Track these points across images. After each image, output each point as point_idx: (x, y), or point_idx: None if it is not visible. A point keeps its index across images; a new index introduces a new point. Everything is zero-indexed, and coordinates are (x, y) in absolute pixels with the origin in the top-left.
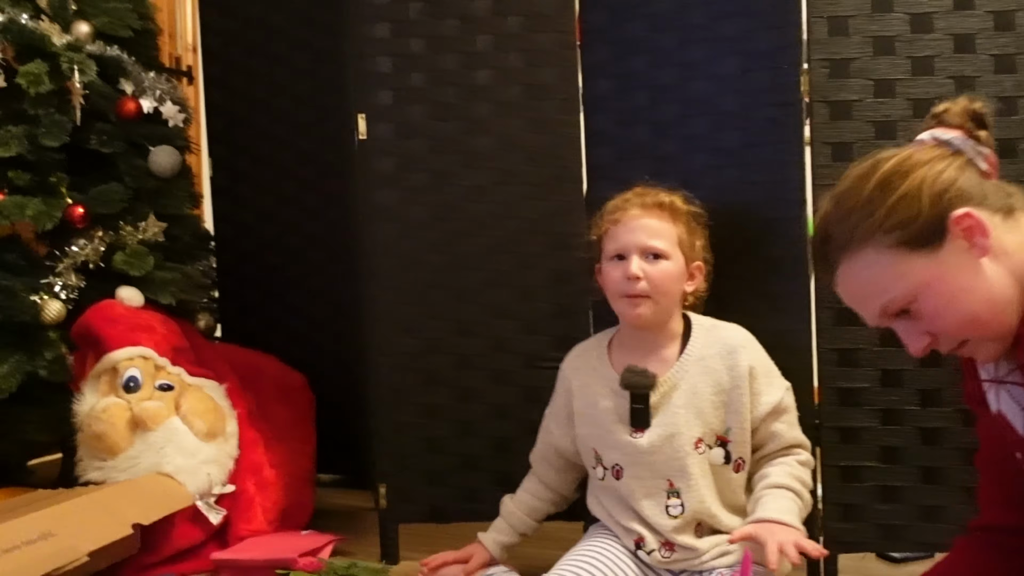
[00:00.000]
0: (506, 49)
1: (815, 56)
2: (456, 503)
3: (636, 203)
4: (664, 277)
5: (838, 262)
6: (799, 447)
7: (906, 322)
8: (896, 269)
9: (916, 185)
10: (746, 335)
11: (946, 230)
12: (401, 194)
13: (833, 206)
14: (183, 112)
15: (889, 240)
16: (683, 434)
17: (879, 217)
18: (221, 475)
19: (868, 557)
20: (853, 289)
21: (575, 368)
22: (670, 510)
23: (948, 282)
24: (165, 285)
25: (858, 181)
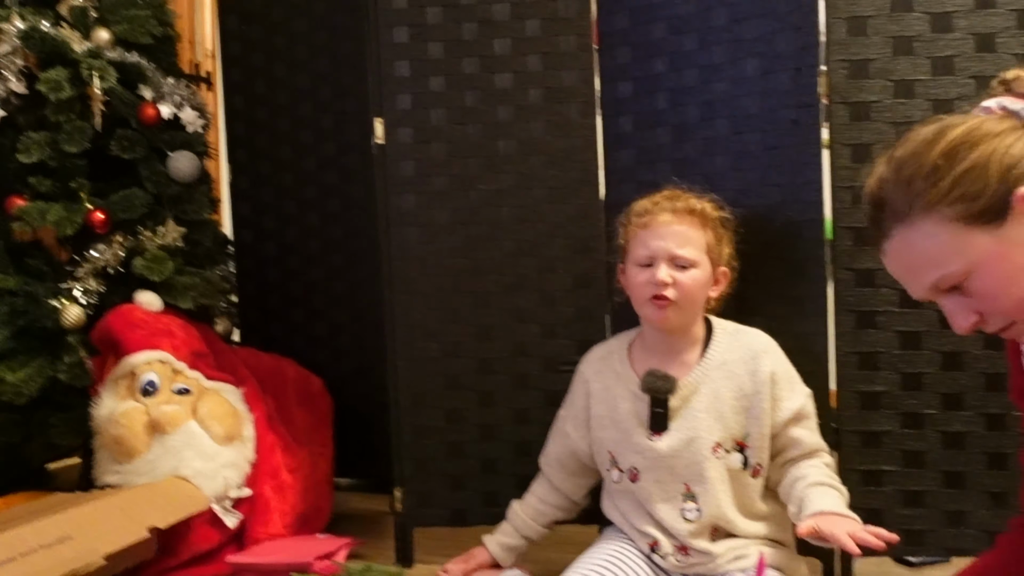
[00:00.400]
0: (525, 52)
1: (834, 57)
2: (476, 507)
3: (667, 208)
4: (693, 285)
5: (891, 231)
6: (821, 451)
7: (956, 298)
8: (956, 244)
9: (985, 157)
10: (768, 341)
11: (1010, 207)
12: (422, 198)
13: (892, 171)
14: (202, 118)
15: (952, 212)
16: (702, 438)
17: (943, 188)
18: (238, 479)
19: (886, 561)
20: (907, 260)
21: (596, 371)
22: (686, 514)
23: (1007, 261)
24: (184, 290)
25: (923, 147)
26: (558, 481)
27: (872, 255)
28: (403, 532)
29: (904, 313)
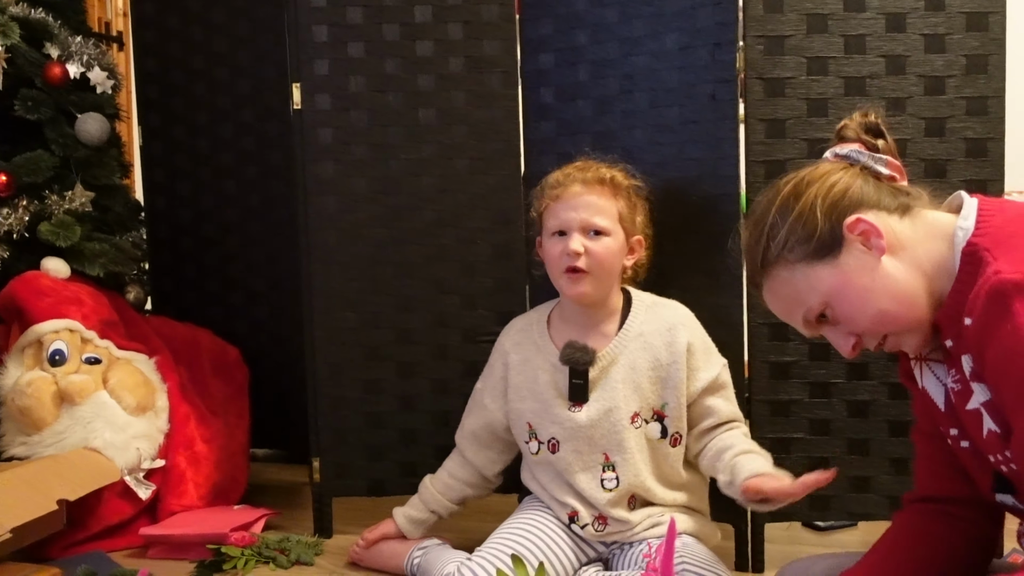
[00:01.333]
0: (447, 20)
1: (751, 33)
2: (395, 477)
3: (577, 179)
4: (605, 253)
5: (761, 284)
6: (738, 421)
7: (830, 327)
8: (806, 281)
9: (810, 202)
10: (685, 313)
11: (843, 237)
12: (341, 167)
13: (746, 235)
14: (112, 79)
15: (794, 256)
16: (620, 408)
17: (782, 239)
18: (151, 450)
19: (794, 526)
20: (777, 304)
21: (515, 342)
22: (605, 483)
23: (853, 285)
24: (93, 256)
25: (763, 208)
26: (471, 454)
27: None
28: (321, 503)
29: None
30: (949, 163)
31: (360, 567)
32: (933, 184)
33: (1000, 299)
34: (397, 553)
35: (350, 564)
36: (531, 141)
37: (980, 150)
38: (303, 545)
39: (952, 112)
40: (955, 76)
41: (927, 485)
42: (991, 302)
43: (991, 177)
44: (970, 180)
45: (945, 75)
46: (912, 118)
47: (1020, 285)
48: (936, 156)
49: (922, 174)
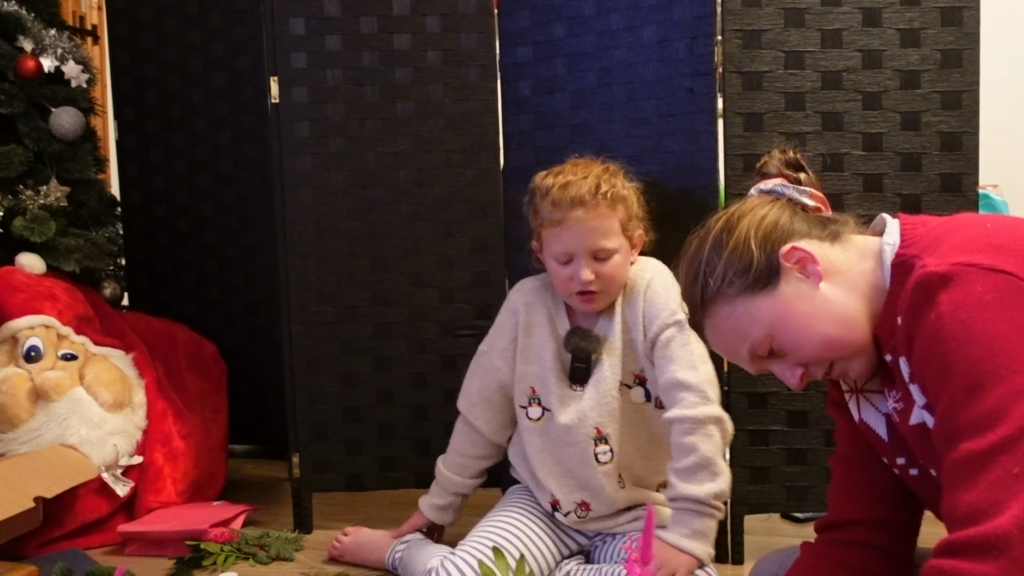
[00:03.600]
0: (424, 13)
1: (729, 27)
2: (374, 472)
3: (578, 202)
4: (615, 271)
5: (703, 322)
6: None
7: (776, 361)
8: (748, 315)
9: (744, 235)
10: (648, 267)
11: (779, 267)
12: (318, 160)
13: (683, 275)
14: (87, 72)
15: (733, 291)
16: (608, 379)
17: (719, 274)
18: (128, 446)
19: (773, 518)
20: (721, 341)
21: (527, 302)
22: (600, 457)
23: (794, 313)
24: (68, 252)
25: (697, 246)
26: (482, 422)
27: None
28: (300, 498)
29: None
30: (924, 157)
31: (340, 562)
32: (908, 178)
33: (925, 290)
34: (378, 547)
35: (330, 560)
36: (509, 134)
37: (955, 144)
38: (283, 541)
39: (927, 106)
40: (930, 70)
41: (840, 509)
42: (917, 294)
43: (965, 171)
44: (945, 174)
45: (920, 69)
46: (888, 112)
47: (944, 276)
48: (911, 150)
49: (898, 168)
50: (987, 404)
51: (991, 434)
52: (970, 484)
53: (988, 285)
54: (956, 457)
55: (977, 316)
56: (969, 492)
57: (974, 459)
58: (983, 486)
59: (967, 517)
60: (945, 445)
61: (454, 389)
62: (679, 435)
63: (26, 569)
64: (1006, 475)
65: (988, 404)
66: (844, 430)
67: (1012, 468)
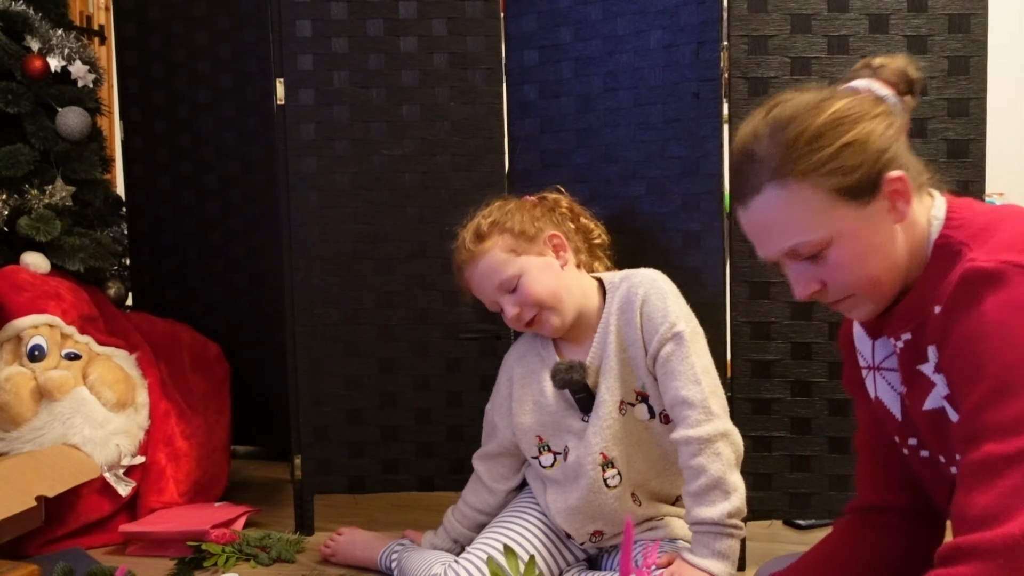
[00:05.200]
0: (431, 16)
1: (735, 32)
2: (376, 474)
3: (461, 263)
4: (533, 290)
5: (762, 187)
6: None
7: (804, 266)
8: (823, 213)
9: (866, 135)
10: (645, 278)
11: (879, 188)
12: (323, 162)
13: (771, 129)
14: (93, 72)
15: (827, 182)
16: (607, 402)
17: (824, 156)
18: (131, 446)
19: (775, 524)
20: (770, 219)
21: (519, 355)
22: (608, 482)
23: (865, 238)
24: (73, 251)
25: (806, 111)
26: (487, 477)
27: None
28: (302, 500)
29: None
30: (931, 164)
31: (331, 563)
32: None
33: (971, 284)
34: (371, 547)
35: (322, 560)
36: (515, 138)
37: (961, 151)
38: (284, 542)
39: (934, 113)
40: (937, 77)
41: (869, 495)
42: (961, 288)
43: (972, 178)
44: (952, 181)
45: (927, 76)
46: None
47: (992, 274)
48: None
49: None
50: (1016, 410)
51: (1016, 440)
52: (986, 487)
53: None
54: (976, 457)
55: (1019, 320)
56: (984, 495)
57: (994, 463)
58: (999, 491)
59: (977, 520)
60: (966, 443)
61: (457, 392)
62: (687, 457)
63: (27, 568)
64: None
65: (1017, 410)
66: (863, 410)
67: None
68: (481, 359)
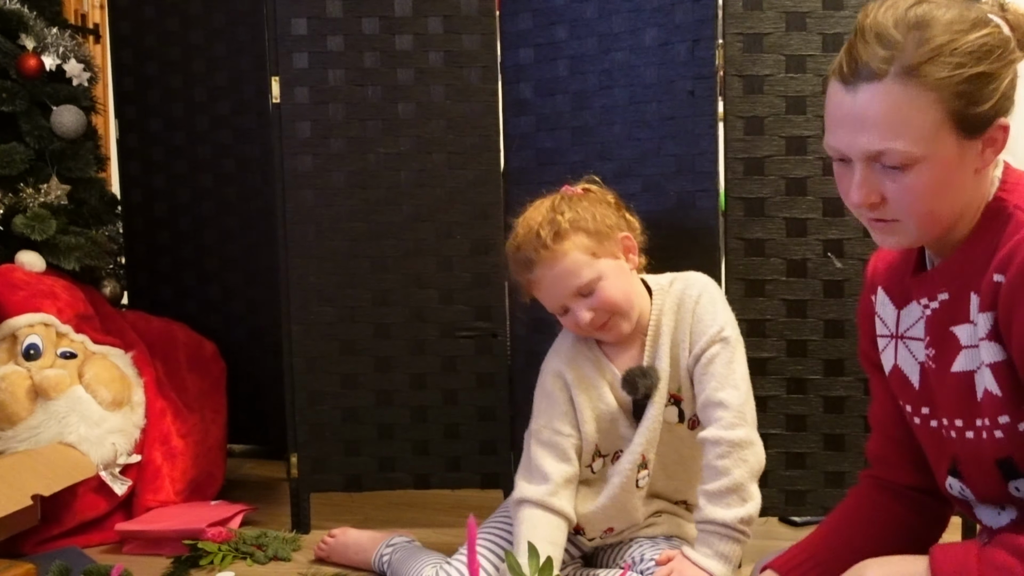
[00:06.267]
0: (426, 14)
1: (730, 30)
2: (372, 472)
3: (531, 262)
4: (612, 293)
5: (884, 76)
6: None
7: (876, 173)
8: (932, 131)
9: (1003, 73)
10: (701, 281)
11: (986, 129)
12: (319, 160)
13: (916, 20)
14: (88, 71)
15: (951, 103)
16: (655, 403)
17: (961, 75)
18: (127, 445)
19: (771, 521)
20: (873, 113)
21: (568, 359)
22: (639, 483)
23: (950, 171)
24: (69, 250)
25: (959, 22)
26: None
27: (763, 225)
28: (298, 498)
29: (791, 282)
30: None
31: (327, 563)
32: None
33: None
34: (364, 548)
35: (317, 560)
36: (510, 136)
37: None
38: (280, 541)
39: None
40: None
41: (880, 470)
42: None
43: None
44: None
45: None
46: None
47: None
48: None
49: None
50: None
51: None
52: None
53: None
54: None
55: None
56: None
57: None
58: None
59: None
60: None
61: (454, 390)
62: (714, 457)
63: (24, 567)
64: None
65: None
66: (878, 386)
67: None
68: (477, 357)
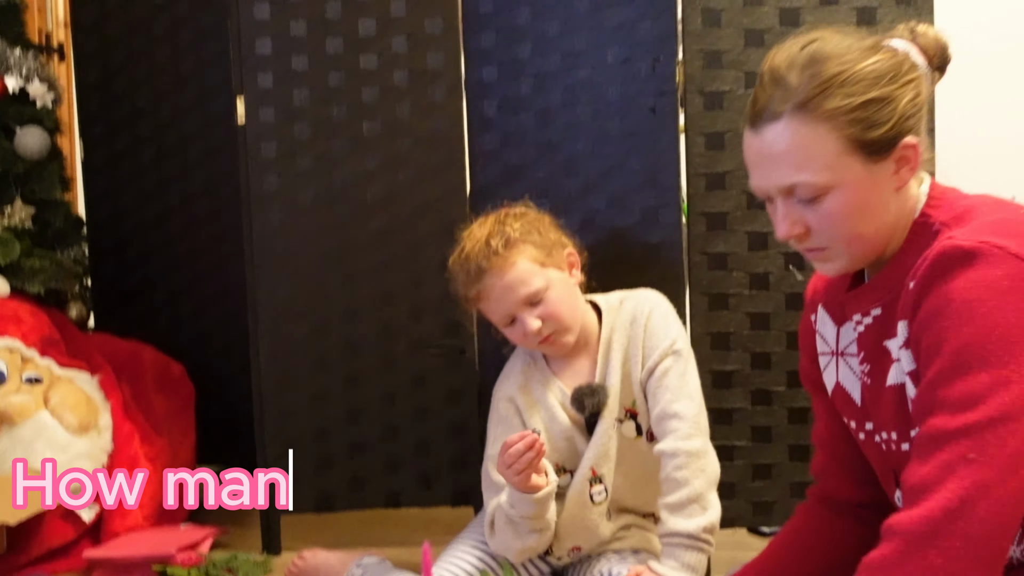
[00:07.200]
0: (390, 33)
1: (690, 47)
2: (343, 491)
3: (480, 270)
4: (559, 304)
5: (781, 115)
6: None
7: (796, 206)
8: (834, 159)
9: (899, 96)
10: (648, 299)
11: (892, 150)
12: (285, 179)
13: (810, 59)
14: (52, 91)
15: (849, 130)
16: (605, 419)
17: (855, 103)
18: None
19: (740, 532)
20: (778, 151)
21: (518, 385)
22: (595, 497)
23: (863, 194)
24: (33, 273)
25: (847, 54)
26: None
27: (725, 239)
28: (269, 520)
29: (754, 295)
30: None
31: None
32: None
33: (946, 262)
34: (334, 569)
35: None
36: (476, 153)
37: None
38: (251, 563)
39: None
40: None
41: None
42: (937, 264)
43: None
44: None
45: None
46: None
47: (969, 251)
48: None
49: None
50: (968, 387)
51: (962, 416)
52: (926, 459)
53: (1009, 271)
54: (924, 431)
55: (987, 299)
56: (923, 466)
57: (938, 436)
58: (934, 464)
59: (913, 490)
60: (920, 417)
61: (424, 407)
62: (672, 468)
63: None
64: (959, 458)
65: (969, 387)
66: (820, 405)
67: (967, 453)
68: (447, 373)
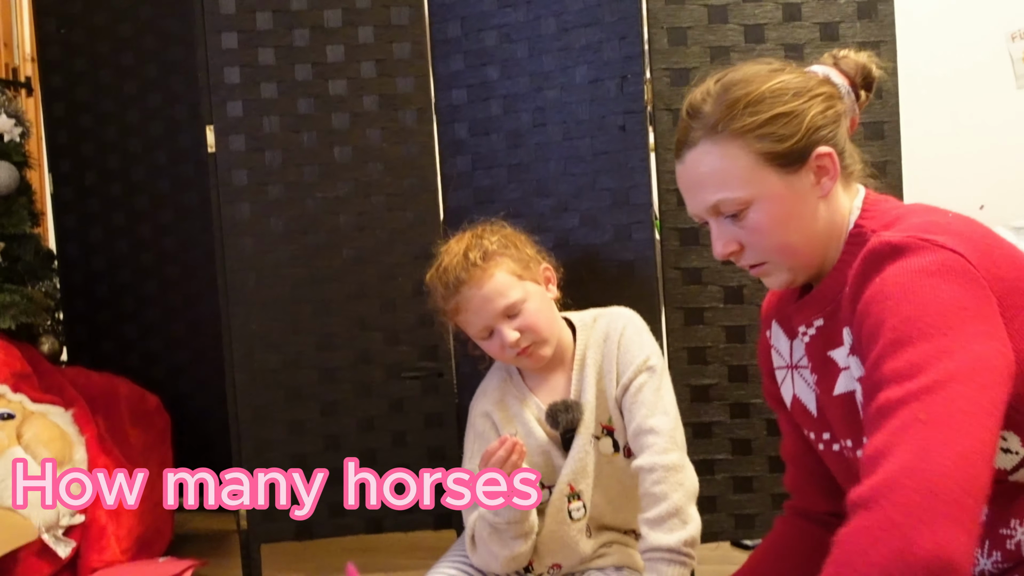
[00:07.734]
0: (359, 59)
1: (657, 66)
2: (323, 519)
3: (463, 281)
4: (536, 317)
5: (697, 142)
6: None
7: (727, 224)
8: (749, 174)
9: (804, 110)
10: (620, 316)
11: (807, 160)
12: (257, 207)
13: (720, 89)
14: (20, 126)
15: (756, 146)
16: (582, 435)
17: (760, 119)
18: None
19: (723, 546)
20: (700, 173)
21: (495, 400)
22: (573, 514)
23: (786, 206)
24: (4, 308)
25: (755, 77)
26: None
27: (699, 254)
28: (249, 550)
29: (729, 309)
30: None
31: None
32: None
33: (876, 257)
34: None
35: None
36: (448, 176)
37: (878, 172)
38: None
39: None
40: None
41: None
42: (868, 261)
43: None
44: (867, 161)
45: None
46: None
47: (897, 246)
48: None
49: None
50: (910, 357)
51: (908, 384)
52: (879, 430)
53: (936, 258)
54: (874, 406)
55: (919, 281)
56: (876, 437)
57: (887, 407)
58: (887, 431)
59: (868, 460)
60: (869, 398)
61: (402, 432)
62: (650, 484)
63: None
64: (912, 420)
65: (911, 357)
66: (785, 421)
67: (918, 414)
68: (424, 397)
